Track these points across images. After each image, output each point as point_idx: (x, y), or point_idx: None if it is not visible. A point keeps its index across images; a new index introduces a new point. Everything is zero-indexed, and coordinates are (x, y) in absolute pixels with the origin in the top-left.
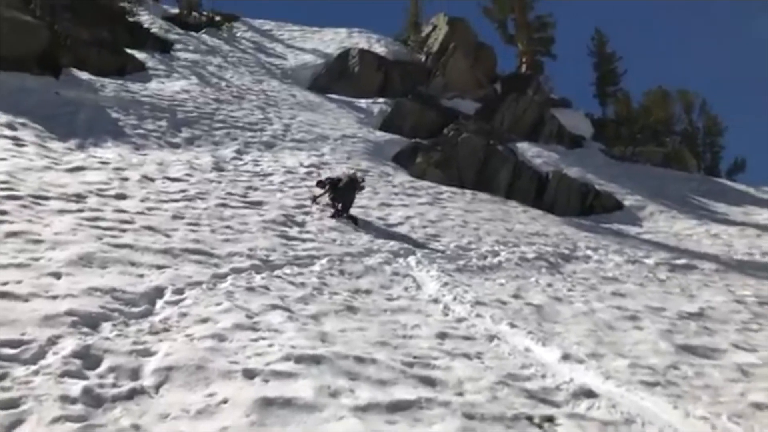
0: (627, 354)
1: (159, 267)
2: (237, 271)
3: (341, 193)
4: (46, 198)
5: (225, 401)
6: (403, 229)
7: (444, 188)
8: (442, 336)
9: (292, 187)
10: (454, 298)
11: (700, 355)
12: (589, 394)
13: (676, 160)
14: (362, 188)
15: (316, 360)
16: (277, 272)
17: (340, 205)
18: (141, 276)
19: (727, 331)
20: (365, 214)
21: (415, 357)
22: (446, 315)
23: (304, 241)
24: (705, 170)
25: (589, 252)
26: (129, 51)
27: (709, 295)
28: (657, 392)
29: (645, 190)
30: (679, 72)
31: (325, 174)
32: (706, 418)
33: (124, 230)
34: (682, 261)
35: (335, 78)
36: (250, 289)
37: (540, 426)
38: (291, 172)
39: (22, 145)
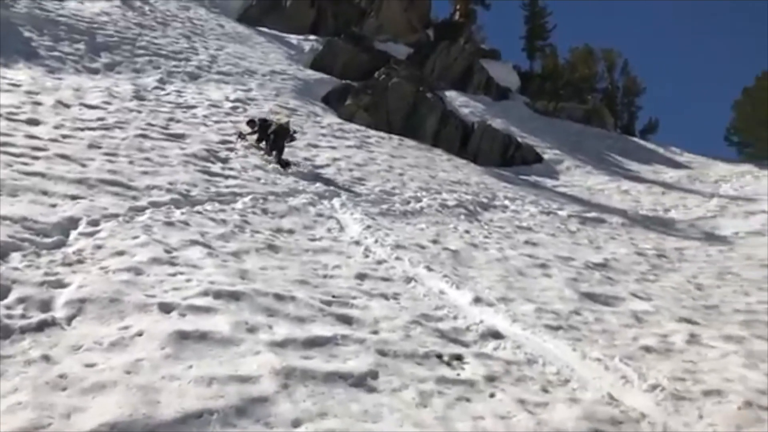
0: (534, 299)
1: (73, 197)
2: (156, 204)
3: (273, 139)
4: None
5: (140, 334)
6: (329, 171)
7: (372, 132)
8: (362, 277)
9: (216, 122)
10: (376, 241)
11: (601, 302)
12: (497, 335)
13: (596, 117)
14: (293, 139)
15: (234, 296)
16: (198, 208)
17: (273, 152)
18: (53, 206)
19: (627, 281)
20: (292, 155)
21: (334, 296)
22: (367, 257)
23: (226, 177)
24: (621, 129)
25: (506, 202)
26: None
27: (614, 247)
28: (559, 335)
29: (564, 145)
30: (606, 30)
31: (253, 111)
32: (600, 359)
33: (36, 158)
34: (593, 214)
35: (266, 11)
36: (169, 224)
37: (449, 364)
38: (216, 105)
39: None
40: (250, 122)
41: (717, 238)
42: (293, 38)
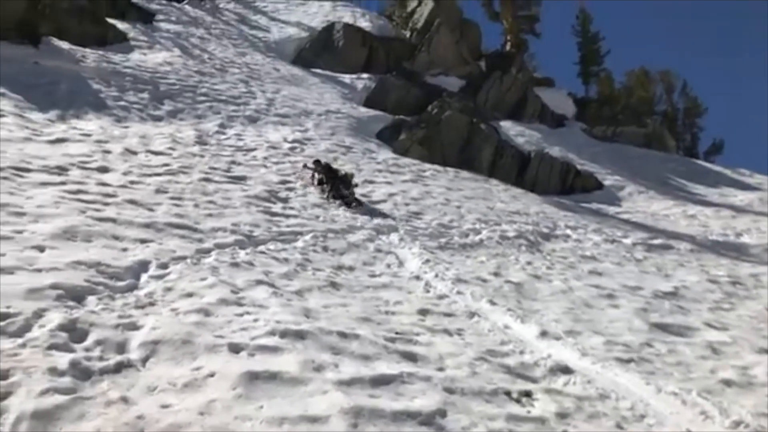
0: (603, 331)
1: (143, 241)
2: (221, 246)
3: (339, 185)
4: (28, 170)
5: (211, 375)
6: (386, 207)
7: (427, 166)
8: (424, 312)
9: (275, 163)
10: (436, 275)
11: (674, 333)
12: (566, 370)
13: (656, 140)
14: (355, 185)
15: (300, 335)
16: (261, 248)
17: (334, 195)
18: (125, 250)
19: (699, 310)
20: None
21: (397, 333)
22: (428, 292)
23: (287, 217)
24: (684, 151)
25: (568, 231)
26: (110, 21)
27: (683, 274)
28: (631, 368)
29: (625, 170)
30: (662, 53)
31: (311, 150)
32: (676, 393)
33: (107, 204)
34: (659, 241)
35: (319, 52)
36: (235, 265)
37: (518, 401)
38: (274, 147)
39: (1, 116)
40: (317, 162)
41: None
42: (346, 77)
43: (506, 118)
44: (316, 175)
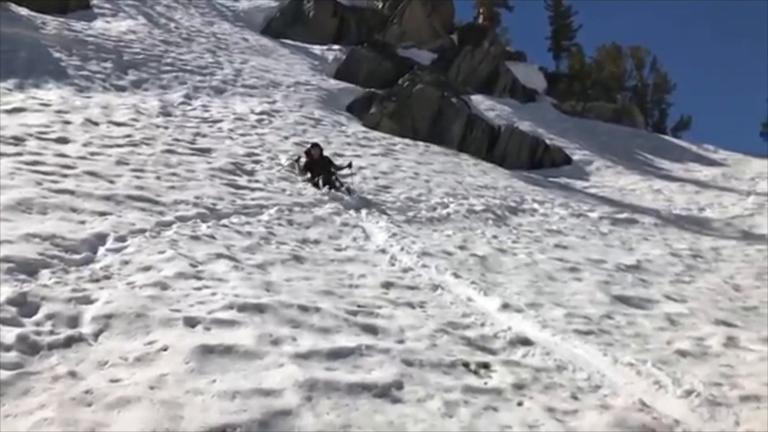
0: (565, 304)
1: (101, 214)
2: (182, 219)
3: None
4: None
5: (165, 349)
6: (354, 180)
7: (397, 139)
8: (388, 286)
9: (242, 135)
10: (402, 249)
11: (634, 305)
12: (525, 342)
13: (626, 116)
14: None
15: (259, 309)
16: (224, 221)
17: (320, 181)
18: (82, 222)
19: (660, 282)
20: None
21: (359, 306)
22: (393, 265)
23: (252, 190)
24: (652, 127)
25: (535, 205)
26: None
27: (647, 248)
28: (590, 340)
29: (593, 145)
30: (633, 28)
31: (278, 122)
32: (632, 364)
33: (65, 175)
34: (624, 215)
35: (289, 23)
36: (195, 238)
37: (476, 372)
38: (241, 118)
39: None
40: (315, 146)
41: (755, 237)
42: (317, 49)
43: (477, 92)
44: (302, 159)
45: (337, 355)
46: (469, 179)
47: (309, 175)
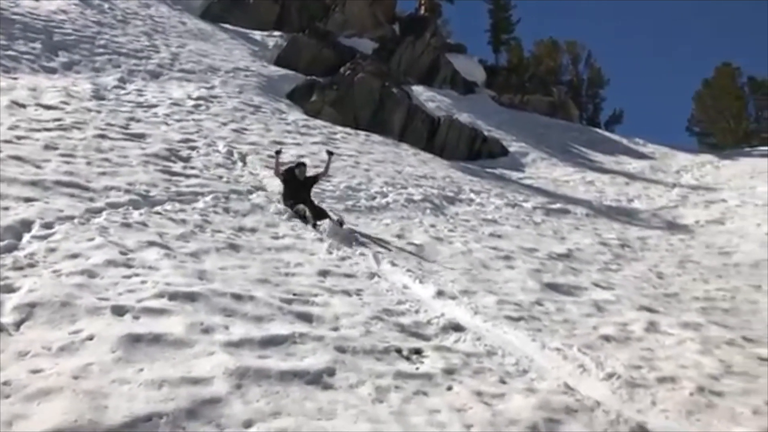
0: (497, 291)
1: (27, 200)
2: (113, 206)
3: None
4: None
5: (90, 338)
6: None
7: (338, 128)
8: (324, 274)
9: (178, 120)
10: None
11: (563, 292)
12: (458, 328)
13: (561, 109)
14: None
15: (191, 297)
16: (157, 208)
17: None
18: (6, 209)
19: (590, 270)
20: (255, 151)
21: (294, 294)
22: (330, 254)
23: (188, 177)
24: (586, 120)
25: (472, 195)
26: None
27: (578, 237)
28: (520, 326)
29: (530, 138)
30: (570, 24)
31: (216, 108)
32: (559, 349)
33: None
34: (558, 206)
35: (229, 7)
36: (126, 225)
37: (408, 358)
38: (177, 104)
39: None
40: (300, 165)
41: (678, 227)
42: (257, 34)
43: (418, 82)
44: (275, 168)
45: (270, 343)
46: (409, 169)
47: (291, 201)
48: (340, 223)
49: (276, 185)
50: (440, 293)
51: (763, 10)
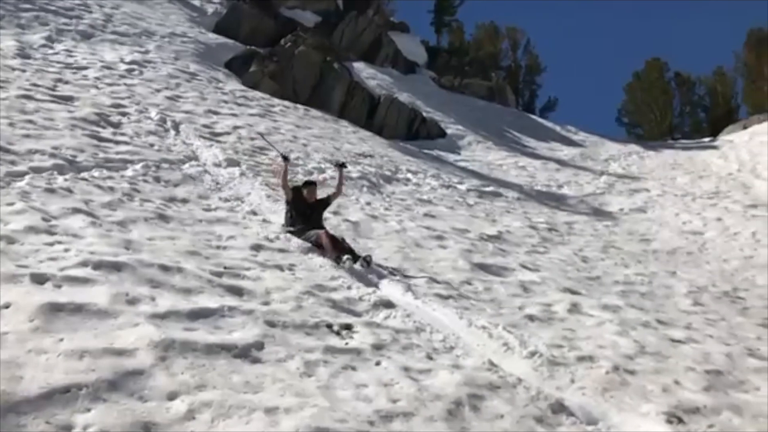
0: (428, 270)
1: None
2: (37, 170)
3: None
4: None
5: (7, 306)
6: (229, 140)
7: (277, 101)
8: (258, 248)
9: (109, 84)
10: (275, 212)
11: (492, 272)
12: (388, 305)
13: (499, 94)
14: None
15: (116, 267)
16: (84, 175)
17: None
18: None
19: (518, 252)
20: (189, 120)
21: (225, 267)
22: (264, 227)
23: (117, 143)
24: (522, 106)
25: (409, 175)
26: None
27: (508, 220)
28: (449, 304)
29: (467, 121)
30: (511, 8)
31: (150, 74)
32: (485, 327)
33: None
34: (491, 189)
35: None
36: (50, 191)
37: (338, 333)
38: (109, 67)
39: None
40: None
41: (604, 214)
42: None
43: (360, 59)
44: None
45: (198, 315)
46: (348, 146)
47: (301, 227)
48: (367, 261)
49: (210, 156)
50: (373, 270)
51: (693, 8)
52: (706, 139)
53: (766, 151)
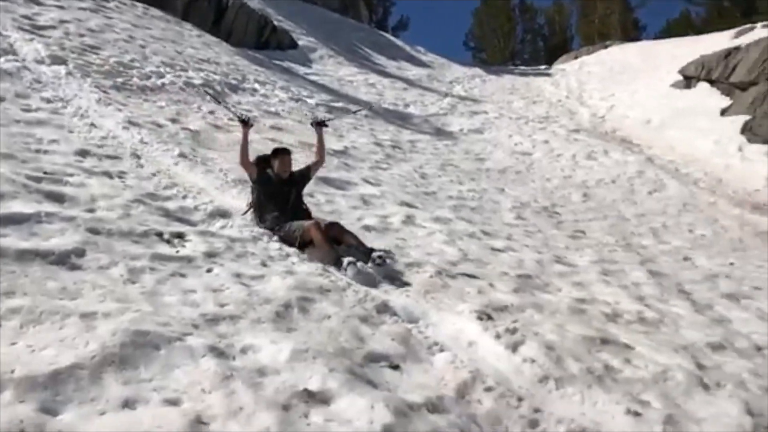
0: None
1: None
2: None
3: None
4: None
5: None
6: (54, 34)
7: None
8: (83, 153)
9: None
10: (102, 116)
11: (336, 186)
12: (225, 214)
13: (352, 8)
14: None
15: None
16: None
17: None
18: None
19: (362, 168)
20: (6, 9)
21: (45, 173)
22: (92, 132)
23: None
24: (375, 23)
25: (257, 85)
26: None
27: (355, 136)
28: None
29: (319, 33)
30: None
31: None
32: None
33: None
34: (340, 104)
35: None
36: None
37: (168, 242)
38: None
39: None
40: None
41: (445, 134)
42: None
43: None
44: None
45: (9, 221)
46: (191, 51)
47: (275, 215)
48: (383, 259)
49: (30, 51)
50: (212, 181)
51: None
52: (542, 67)
53: (592, 80)
